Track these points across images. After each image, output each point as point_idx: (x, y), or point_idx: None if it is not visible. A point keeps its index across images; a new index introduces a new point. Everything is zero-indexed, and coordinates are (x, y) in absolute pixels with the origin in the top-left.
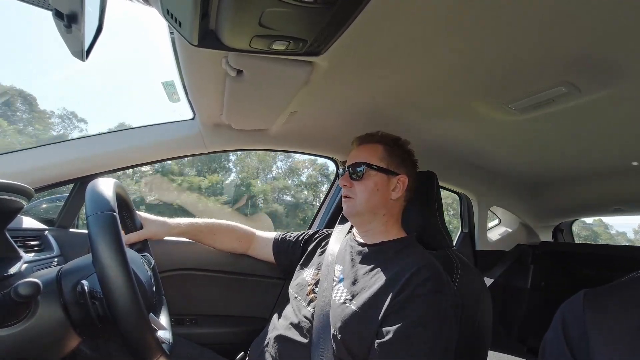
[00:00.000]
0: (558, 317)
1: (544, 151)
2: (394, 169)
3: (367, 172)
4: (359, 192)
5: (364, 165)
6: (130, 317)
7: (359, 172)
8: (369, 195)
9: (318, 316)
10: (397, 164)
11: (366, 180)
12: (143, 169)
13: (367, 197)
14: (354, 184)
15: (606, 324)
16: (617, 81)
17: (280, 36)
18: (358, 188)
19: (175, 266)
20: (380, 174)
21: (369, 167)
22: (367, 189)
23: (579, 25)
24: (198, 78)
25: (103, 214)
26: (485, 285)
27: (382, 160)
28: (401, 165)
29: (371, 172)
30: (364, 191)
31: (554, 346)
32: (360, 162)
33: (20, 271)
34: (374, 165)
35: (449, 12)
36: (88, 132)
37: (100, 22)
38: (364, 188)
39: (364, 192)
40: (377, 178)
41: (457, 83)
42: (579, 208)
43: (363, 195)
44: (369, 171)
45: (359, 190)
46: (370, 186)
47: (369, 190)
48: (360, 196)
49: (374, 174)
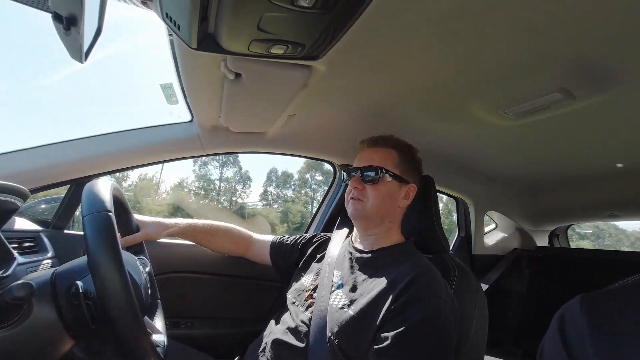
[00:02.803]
0: (555, 321)
1: (540, 156)
2: (406, 177)
3: (382, 177)
4: (372, 197)
5: (381, 170)
6: (125, 317)
7: (375, 176)
8: (381, 201)
9: (315, 320)
10: (409, 171)
11: (381, 185)
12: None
13: (379, 203)
14: (367, 187)
15: (604, 328)
16: (611, 87)
17: (279, 40)
18: (371, 192)
19: (171, 268)
20: (394, 180)
21: (385, 173)
22: (380, 195)
23: (574, 32)
24: (196, 81)
25: (99, 214)
26: (482, 290)
27: (397, 166)
28: (412, 173)
29: (387, 177)
30: (377, 197)
31: (552, 350)
32: (377, 167)
33: (13, 273)
34: (390, 172)
35: (446, 18)
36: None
37: (99, 24)
38: (377, 193)
39: (377, 197)
40: (391, 185)
41: (453, 88)
42: (574, 213)
43: (375, 200)
44: (384, 177)
45: (372, 195)
46: (383, 192)
47: (382, 196)
48: (372, 201)
49: (389, 181)
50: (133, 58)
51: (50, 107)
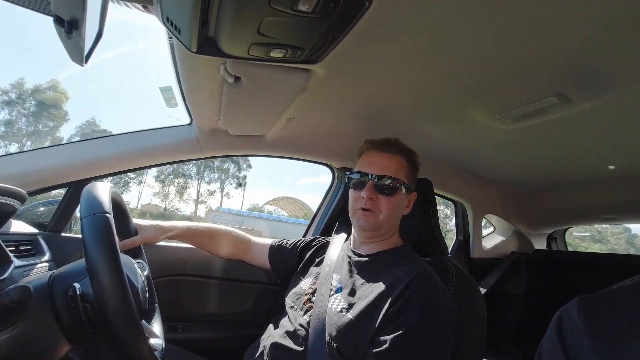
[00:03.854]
0: (554, 324)
1: (536, 159)
2: (412, 186)
3: (399, 189)
4: (385, 209)
5: (398, 181)
6: (123, 321)
7: (392, 187)
8: (394, 213)
9: (314, 324)
10: (414, 180)
11: (396, 197)
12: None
13: (392, 215)
14: (381, 198)
15: (601, 330)
16: (607, 91)
17: (278, 44)
18: (385, 203)
19: (169, 272)
20: (406, 191)
21: (402, 185)
22: (394, 206)
23: (570, 37)
24: (196, 84)
25: (98, 215)
26: (480, 293)
27: (407, 176)
28: (415, 181)
29: (402, 189)
30: (391, 208)
31: (550, 352)
32: (394, 178)
33: (10, 276)
34: (406, 184)
35: (443, 23)
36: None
37: (100, 27)
38: (392, 205)
39: (391, 209)
40: (403, 196)
41: (451, 92)
42: (571, 216)
43: (389, 212)
44: (400, 188)
45: (386, 207)
46: (397, 203)
47: (395, 208)
48: (385, 213)
49: (403, 192)
50: (132, 61)
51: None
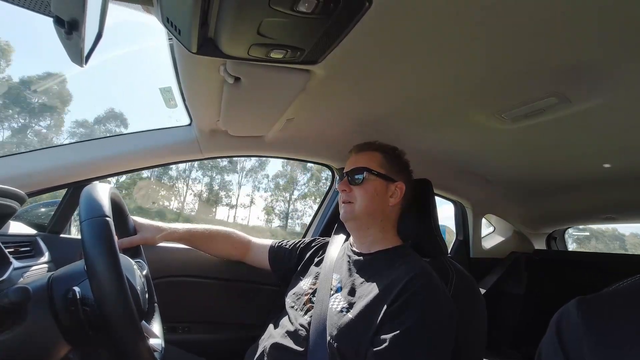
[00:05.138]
0: (553, 324)
1: (536, 159)
2: (392, 176)
3: (367, 177)
4: (359, 197)
5: (364, 170)
6: (122, 322)
7: (359, 177)
8: (368, 200)
9: (314, 324)
10: (395, 171)
11: (366, 185)
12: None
13: (366, 202)
14: (354, 188)
15: (601, 330)
16: (606, 91)
17: (278, 45)
18: (358, 193)
19: (168, 272)
20: (379, 179)
21: (369, 172)
22: (367, 194)
23: (568, 37)
24: (196, 84)
25: (97, 219)
26: (480, 293)
27: (381, 166)
28: (399, 173)
29: (371, 177)
30: (363, 196)
31: (550, 353)
32: (361, 168)
33: (9, 277)
34: (374, 171)
35: (443, 25)
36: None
37: (100, 28)
38: (363, 192)
39: (364, 196)
40: (376, 183)
41: (451, 93)
42: (571, 216)
43: (363, 199)
44: (369, 176)
45: (359, 195)
46: (370, 191)
47: (369, 195)
48: (359, 201)
49: (374, 179)
50: (132, 61)
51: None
